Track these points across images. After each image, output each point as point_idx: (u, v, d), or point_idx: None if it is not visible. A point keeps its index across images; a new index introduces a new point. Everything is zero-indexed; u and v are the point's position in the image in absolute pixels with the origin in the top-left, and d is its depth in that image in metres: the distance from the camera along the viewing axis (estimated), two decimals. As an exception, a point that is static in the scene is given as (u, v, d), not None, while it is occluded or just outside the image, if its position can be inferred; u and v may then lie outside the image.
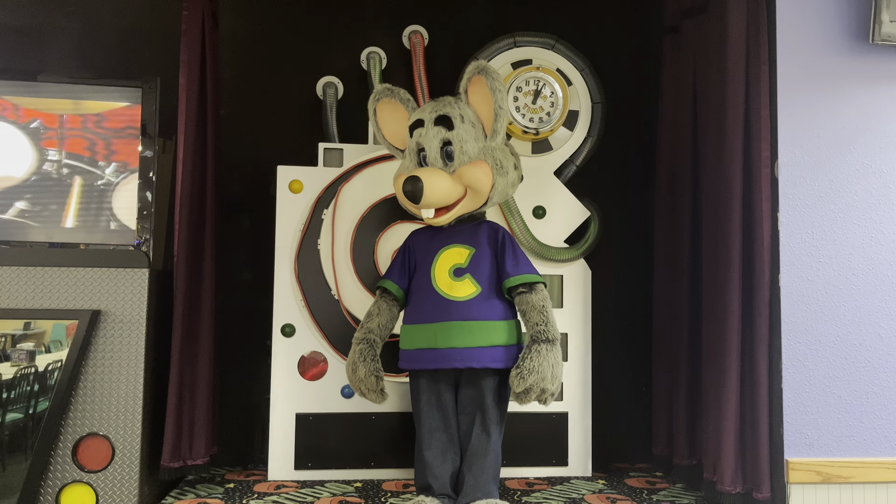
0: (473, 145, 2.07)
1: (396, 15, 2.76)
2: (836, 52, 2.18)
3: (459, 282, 2.08)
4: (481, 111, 2.10)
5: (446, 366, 2.05)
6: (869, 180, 2.16)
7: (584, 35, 2.75)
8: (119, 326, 2.15)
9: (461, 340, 2.02)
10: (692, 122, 2.41)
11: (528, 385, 1.94)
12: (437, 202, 2.04)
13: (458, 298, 2.05)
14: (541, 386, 1.95)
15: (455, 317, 2.04)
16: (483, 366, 2.04)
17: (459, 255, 2.10)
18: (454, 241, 2.13)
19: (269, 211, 2.50)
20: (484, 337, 2.04)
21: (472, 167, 2.05)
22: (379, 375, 2.11)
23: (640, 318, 2.74)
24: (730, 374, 2.11)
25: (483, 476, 2.04)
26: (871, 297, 2.14)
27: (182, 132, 2.28)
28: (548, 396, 1.98)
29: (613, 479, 2.51)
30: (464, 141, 2.06)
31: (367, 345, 2.13)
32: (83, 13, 2.63)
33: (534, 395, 1.97)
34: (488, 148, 2.09)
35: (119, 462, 2.12)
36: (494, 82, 2.02)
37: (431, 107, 2.11)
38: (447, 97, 2.14)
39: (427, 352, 2.06)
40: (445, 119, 2.07)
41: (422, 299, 2.11)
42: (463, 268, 2.09)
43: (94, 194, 2.33)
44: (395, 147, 2.27)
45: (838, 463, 2.08)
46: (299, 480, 2.41)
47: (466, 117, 2.08)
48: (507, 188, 2.13)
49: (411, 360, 2.12)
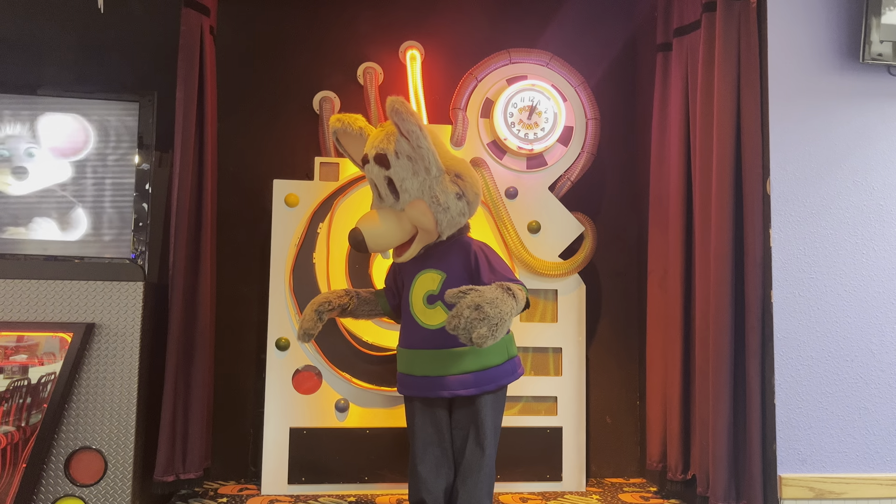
0: (413, 181, 2.01)
1: (393, 31, 2.79)
2: (827, 70, 2.20)
3: (432, 309, 2.06)
4: (410, 146, 2.01)
5: (419, 394, 2.06)
6: (860, 197, 2.18)
7: (578, 52, 2.77)
8: (113, 340, 2.15)
9: (431, 369, 2.03)
10: (684, 139, 2.43)
11: (463, 293, 1.80)
12: (386, 247, 2.06)
13: (431, 326, 2.05)
14: (477, 301, 1.78)
15: (428, 345, 2.04)
16: (452, 394, 2.01)
17: (432, 280, 2.08)
18: (427, 265, 2.10)
19: (265, 224, 2.51)
20: (455, 365, 2.02)
21: (412, 208, 2.01)
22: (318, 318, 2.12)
23: (634, 333, 2.75)
24: (723, 389, 2.12)
25: (477, 491, 2.03)
26: (862, 313, 2.15)
27: (179, 145, 2.30)
28: (485, 325, 1.76)
29: (607, 494, 2.51)
30: (402, 179, 2.01)
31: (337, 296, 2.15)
32: (81, 28, 2.65)
33: (466, 313, 1.77)
34: (426, 184, 2.01)
35: (112, 476, 2.11)
36: (406, 124, 1.92)
37: (372, 140, 2.05)
38: (388, 126, 2.03)
39: (408, 377, 2.09)
40: (382, 158, 2.01)
41: (405, 324, 2.13)
42: (434, 294, 2.07)
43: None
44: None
45: (831, 479, 2.09)
46: (293, 495, 2.40)
47: (402, 152, 2.00)
48: (453, 220, 2.03)
49: (402, 385, 2.13)
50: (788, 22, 2.20)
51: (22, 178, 2.33)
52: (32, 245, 2.30)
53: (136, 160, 2.33)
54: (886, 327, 2.15)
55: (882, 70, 2.21)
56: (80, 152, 2.36)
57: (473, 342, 1.77)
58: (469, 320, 1.76)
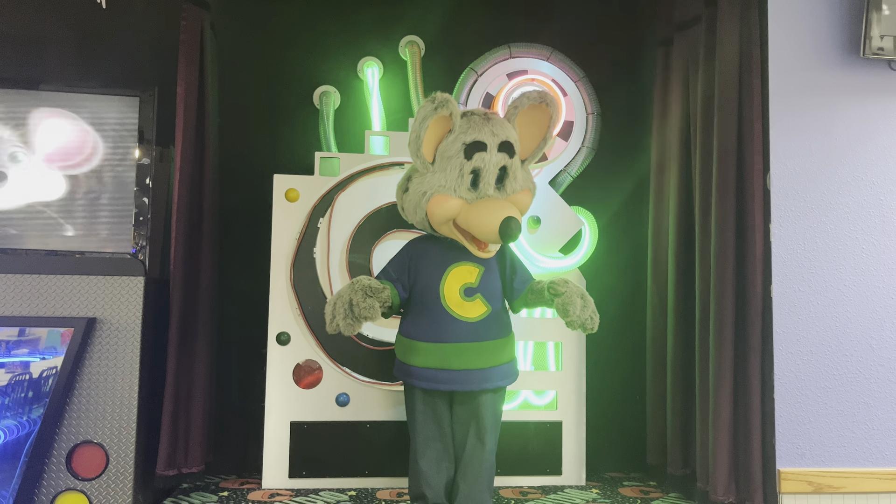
0: (520, 172, 2.08)
1: (393, 25, 2.79)
2: (828, 65, 2.20)
3: (470, 301, 2.05)
4: (526, 135, 2.09)
5: (463, 388, 2.04)
6: (860, 192, 2.18)
7: (578, 46, 2.77)
8: (114, 334, 2.16)
9: (476, 362, 2.03)
10: (685, 133, 2.43)
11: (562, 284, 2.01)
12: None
13: (470, 319, 2.04)
14: (580, 291, 2.01)
15: (469, 338, 2.03)
16: (496, 385, 2.06)
17: (469, 273, 2.07)
18: (463, 258, 2.08)
19: (266, 219, 2.51)
20: (496, 356, 2.06)
21: (524, 196, 2.08)
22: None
23: (635, 327, 2.75)
24: (723, 384, 2.12)
25: (477, 485, 2.04)
26: (862, 308, 2.16)
27: (179, 140, 2.30)
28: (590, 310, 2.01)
29: (607, 489, 2.52)
30: (517, 169, 2.06)
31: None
32: (83, 23, 2.65)
33: (580, 302, 1.99)
34: (527, 172, 2.12)
35: (113, 470, 2.12)
36: (558, 115, 2.06)
37: (489, 129, 2.02)
38: (495, 116, 2.07)
39: (441, 372, 2.03)
40: (509, 146, 2.03)
41: (429, 317, 2.07)
42: (474, 287, 2.06)
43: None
44: (426, 159, 2.02)
45: (830, 473, 2.09)
46: (293, 489, 2.41)
47: (518, 143, 2.07)
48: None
49: (423, 379, 2.06)
50: (789, 17, 2.20)
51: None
52: (33, 240, 2.30)
53: (137, 155, 2.33)
54: (886, 322, 2.16)
55: (883, 65, 2.20)
56: (81, 165, 2.34)
57: (587, 328, 2.01)
58: (586, 308, 2.00)
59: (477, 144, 1.99)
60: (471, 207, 1.99)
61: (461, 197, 2.00)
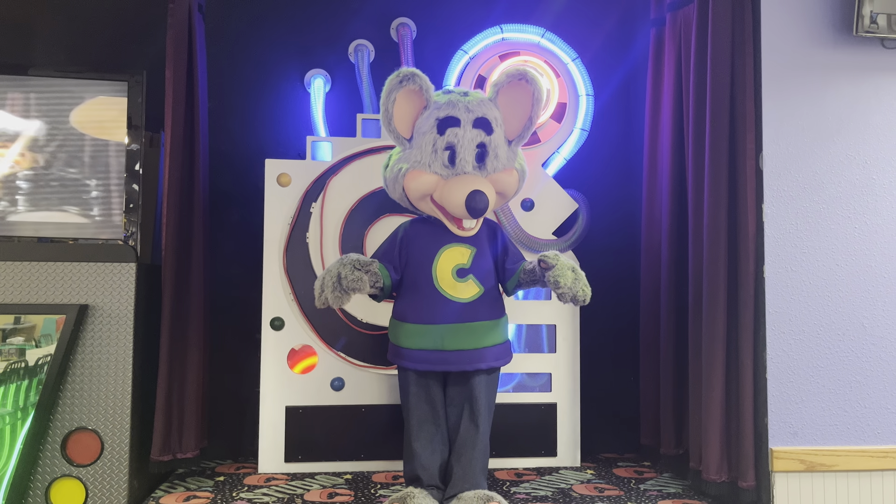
0: (504, 150, 2.05)
1: (384, 7, 2.76)
2: (820, 44, 2.19)
3: (463, 283, 2.05)
4: (510, 115, 2.07)
5: (456, 368, 2.04)
6: (853, 171, 2.18)
7: (571, 27, 2.75)
8: (107, 321, 2.15)
9: (469, 342, 2.03)
10: (678, 114, 2.42)
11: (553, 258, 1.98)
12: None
13: (463, 300, 2.04)
14: (571, 265, 2.00)
15: (462, 318, 2.03)
16: (489, 366, 2.06)
17: (461, 254, 2.07)
18: (453, 239, 2.08)
19: (258, 204, 2.50)
20: (489, 337, 2.06)
21: (507, 175, 2.05)
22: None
23: (628, 309, 2.75)
24: (715, 364, 2.13)
25: (472, 467, 2.05)
26: (854, 288, 2.16)
27: (169, 125, 2.28)
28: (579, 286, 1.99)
29: (602, 469, 2.53)
30: (498, 147, 2.03)
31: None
32: (70, 7, 2.62)
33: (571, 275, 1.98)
34: (513, 153, 2.09)
35: (108, 456, 2.12)
36: (539, 92, 2.01)
37: (463, 104, 2.02)
38: (477, 93, 2.06)
39: (434, 353, 2.04)
40: (485, 122, 2.02)
41: (421, 299, 2.07)
42: (466, 268, 2.06)
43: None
44: (400, 134, 2.05)
45: (822, 451, 2.11)
46: (289, 473, 2.42)
47: (498, 121, 2.04)
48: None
49: (416, 360, 2.06)
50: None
51: None
52: (25, 227, 2.29)
53: (126, 140, 2.31)
54: (878, 301, 2.16)
55: (875, 43, 2.19)
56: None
57: (578, 300, 1.98)
58: (578, 281, 1.98)
59: (450, 119, 2.00)
60: (445, 183, 2.00)
61: (436, 173, 2.00)
